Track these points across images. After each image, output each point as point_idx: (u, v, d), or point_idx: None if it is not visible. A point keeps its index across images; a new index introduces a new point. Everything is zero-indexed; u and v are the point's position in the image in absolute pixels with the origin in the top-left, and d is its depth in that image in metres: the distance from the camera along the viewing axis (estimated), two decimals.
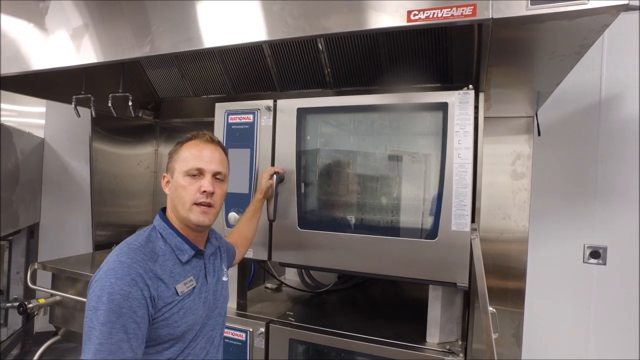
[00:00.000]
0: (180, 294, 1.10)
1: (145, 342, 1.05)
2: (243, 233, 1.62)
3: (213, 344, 1.23)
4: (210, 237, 1.30)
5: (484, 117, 1.60)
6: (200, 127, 2.86)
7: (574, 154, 2.18)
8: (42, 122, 3.34)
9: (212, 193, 1.17)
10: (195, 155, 1.18)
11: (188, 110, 2.82)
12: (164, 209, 1.24)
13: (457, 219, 1.42)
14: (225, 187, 1.26)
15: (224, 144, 1.76)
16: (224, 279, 1.33)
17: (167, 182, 1.22)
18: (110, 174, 2.85)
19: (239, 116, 1.77)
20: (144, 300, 1.02)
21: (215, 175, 1.20)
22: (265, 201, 1.67)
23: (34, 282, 2.39)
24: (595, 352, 2.13)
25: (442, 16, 1.15)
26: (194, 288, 1.15)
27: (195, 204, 1.15)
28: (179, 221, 1.18)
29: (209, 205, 1.17)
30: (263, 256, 1.74)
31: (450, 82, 2.01)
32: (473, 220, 1.45)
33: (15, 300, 3.07)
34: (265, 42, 1.48)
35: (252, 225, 1.64)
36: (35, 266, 2.44)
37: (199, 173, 1.18)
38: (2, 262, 3.08)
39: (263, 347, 1.67)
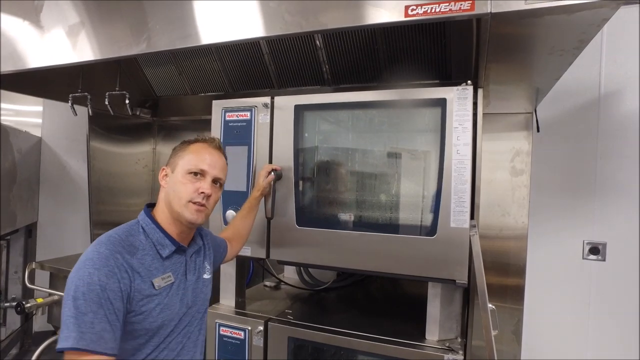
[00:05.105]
0: (157, 288, 1.12)
1: (121, 337, 1.07)
2: (238, 230, 1.63)
3: (190, 338, 1.25)
4: (195, 236, 1.32)
5: (483, 114, 1.59)
6: (198, 125, 2.88)
7: (573, 150, 2.17)
8: (39, 121, 3.32)
9: (209, 196, 1.21)
10: (202, 157, 1.23)
11: (186, 108, 2.81)
12: (149, 205, 1.27)
13: (456, 215, 1.41)
14: (220, 194, 1.30)
15: (222, 142, 1.77)
16: (205, 276, 1.33)
17: (166, 175, 1.25)
18: (108, 173, 2.84)
19: (236, 113, 1.76)
20: (119, 292, 1.04)
21: (214, 180, 1.24)
22: (263, 199, 1.66)
23: (32, 281, 2.38)
24: (595, 349, 2.13)
25: (440, 11, 1.14)
26: (172, 284, 1.17)
27: (191, 202, 1.18)
28: (170, 215, 1.21)
29: (203, 205, 1.20)
30: (261, 254, 1.73)
31: (449, 79, 2.00)
32: (472, 217, 1.45)
33: (14, 299, 3.05)
34: (262, 38, 1.46)
35: (248, 222, 1.64)
36: (33, 265, 2.43)
37: (200, 174, 1.21)
38: (0, 261, 3.07)
39: (262, 345, 1.66)
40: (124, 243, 1.12)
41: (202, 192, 1.19)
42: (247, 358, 1.68)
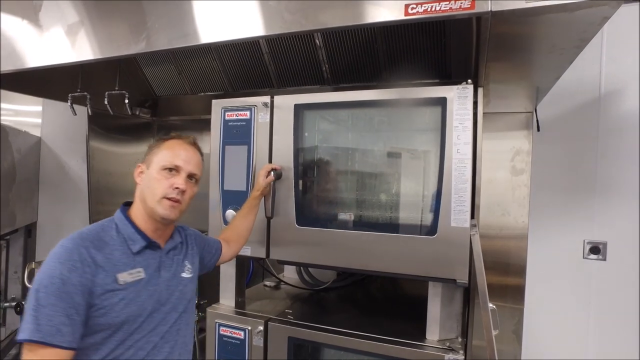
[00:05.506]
0: (121, 283, 1.12)
1: (83, 331, 1.07)
2: (237, 230, 1.62)
3: (164, 338, 1.21)
4: (173, 234, 1.32)
5: (483, 113, 1.58)
6: (197, 124, 2.87)
7: (573, 149, 2.16)
8: (39, 120, 3.31)
9: (184, 191, 1.22)
10: (176, 153, 1.24)
11: (185, 107, 2.80)
12: (126, 203, 1.28)
13: (457, 215, 1.41)
14: (196, 189, 1.30)
15: (221, 141, 1.78)
16: (184, 275, 1.32)
17: (141, 172, 1.26)
18: (107, 173, 2.83)
19: (236, 113, 1.75)
20: (80, 287, 1.05)
21: (189, 175, 1.24)
22: (263, 198, 1.66)
23: (31, 281, 2.36)
24: (595, 348, 2.13)
25: (440, 9, 1.14)
26: (141, 280, 1.17)
27: (166, 197, 1.19)
28: (144, 211, 1.22)
29: (178, 201, 1.21)
30: (261, 254, 1.72)
31: (449, 78, 2.00)
32: (472, 217, 1.44)
33: (13, 299, 3.05)
34: (262, 37, 1.46)
35: (248, 222, 1.64)
36: (33, 265, 2.41)
37: (175, 170, 1.22)
38: (0, 261, 3.06)
39: (262, 345, 1.66)
40: (92, 238, 1.13)
41: (176, 188, 1.20)
42: (247, 358, 1.68)
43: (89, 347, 1.09)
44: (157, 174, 1.21)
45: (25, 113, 3.34)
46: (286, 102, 1.68)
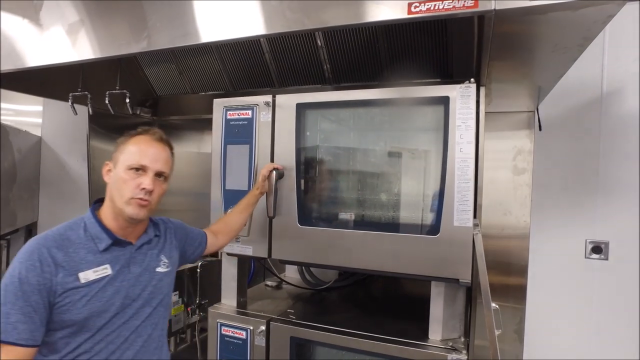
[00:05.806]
0: (83, 281, 1.12)
1: (50, 327, 1.09)
2: (230, 223, 1.62)
3: (136, 332, 1.21)
4: (147, 229, 1.31)
5: (485, 112, 1.58)
6: (198, 124, 2.85)
7: (575, 148, 2.16)
8: (39, 120, 3.31)
9: (151, 191, 1.19)
10: (142, 151, 1.21)
11: (186, 107, 2.79)
12: (98, 200, 1.27)
13: (460, 214, 1.40)
14: (166, 187, 1.27)
15: (223, 141, 1.78)
16: (159, 269, 1.30)
17: (109, 170, 1.24)
18: None
19: (238, 112, 1.75)
20: (37, 286, 1.06)
21: (157, 174, 1.22)
22: (265, 197, 1.65)
23: None
24: (597, 348, 2.12)
25: (443, 8, 1.13)
26: (107, 276, 1.16)
27: (133, 198, 1.17)
28: (113, 210, 1.20)
29: (146, 201, 1.19)
30: (263, 253, 1.72)
31: (450, 77, 1.99)
32: (475, 216, 1.44)
33: None
34: (263, 36, 1.46)
35: (242, 217, 1.63)
36: None
37: (142, 169, 1.19)
38: (0, 261, 3.06)
39: (264, 345, 1.66)
40: (57, 237, 1.14)
41: (143, 188, 1.18)
42: (249, 358, 1.67)
43: (58, 341, 1.11)
44: (124, 174, 1.18)
45: (25, 113, 3.34)
46: (288, 102, 1.67)
